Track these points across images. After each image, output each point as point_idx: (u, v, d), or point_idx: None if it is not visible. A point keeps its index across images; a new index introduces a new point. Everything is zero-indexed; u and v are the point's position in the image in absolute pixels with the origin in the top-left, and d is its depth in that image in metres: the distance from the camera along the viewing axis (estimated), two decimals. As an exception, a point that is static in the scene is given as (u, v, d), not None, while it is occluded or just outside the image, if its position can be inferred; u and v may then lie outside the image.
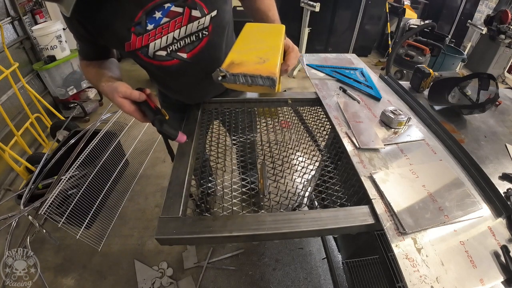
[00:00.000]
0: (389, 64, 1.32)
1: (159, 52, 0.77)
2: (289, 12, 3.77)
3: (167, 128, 0.67)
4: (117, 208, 1.85)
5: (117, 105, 0.69)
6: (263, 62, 0.56)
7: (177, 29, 0.74)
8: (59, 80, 2.61)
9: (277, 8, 0.93)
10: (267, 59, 0.57)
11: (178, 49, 0.78)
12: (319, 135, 1.04)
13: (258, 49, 0.62)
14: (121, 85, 0.68)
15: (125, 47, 0.74)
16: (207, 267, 1.59)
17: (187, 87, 0.94)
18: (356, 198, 0.74)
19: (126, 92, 0.67)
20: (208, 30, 0.78)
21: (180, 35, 0.76)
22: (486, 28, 3.62)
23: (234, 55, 0.60)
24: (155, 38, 0.73)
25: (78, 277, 1.55)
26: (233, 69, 0.55)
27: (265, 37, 0.71)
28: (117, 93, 0.67)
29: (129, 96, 0.67)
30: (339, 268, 1.44)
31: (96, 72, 0.80)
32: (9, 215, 1.43)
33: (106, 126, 1.77)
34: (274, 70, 0.53)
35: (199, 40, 0.79)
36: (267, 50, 0.61)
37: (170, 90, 1.00)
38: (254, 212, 0.72)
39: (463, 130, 0.94)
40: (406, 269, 0.53)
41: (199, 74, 0.88)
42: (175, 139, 0.68)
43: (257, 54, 0.59)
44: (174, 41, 0.76)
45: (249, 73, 0.53)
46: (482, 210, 0.65)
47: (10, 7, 2.31)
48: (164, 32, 0.73)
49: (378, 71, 3.59)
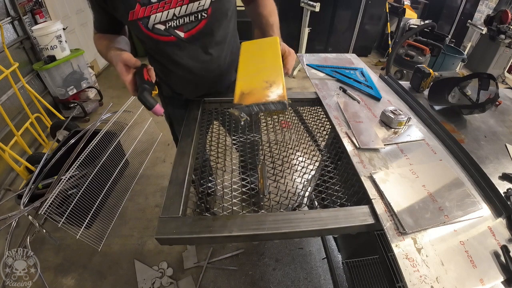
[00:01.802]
0: (389, 64, 1.32)
1: (158, 25, 0.80)
2: (289, 12, 3.77)
3: (147, 96, 0.68)
4: (117, 208, 1.85)
5: (117, 72, 0.73)
6: (270, 86, 0.58)
7: (178, 6, 0.78)
8: (59, 80, 2.61)
9: (277, 8, 0.95)
10: (273, 82, 0.59)
11: (176, 26, 0.82)
12: (319, 135, 1.04)
13: (261, 71, 0.64)
14: (124, 53, 0.72)
15: (129, 15, 0.77)
16: (207, 267, 1.59)
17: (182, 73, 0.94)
18: (356, 198, 0.74)
19: (126, 58, 0.71)
20: (207, 13, 0.82)
21: (180, 13, 0.79)
22: (486, 28, 3.62)
23: (242, 85, 0.61)
24: (156, 11, 0.77)
25: (78, 277, 1.55)
26: (245, 101, 0.56)
27: (264, 55, 0.73)
28: (119, 59, 0.71)
29: (128, 61, 0.71)
30: (339, 268, 1.44)
31: (107, 44, 0.84)
32: (9, 215, 1.43)
33: (106, 126, 1.77)
34: (283, 93, 0.54)
35: (198, 21, 0.83)
36: (270, 71, 0.63)
37: (167, 74, 1.00)
38: (254, 212, 0.72)
39: (463, 130, 0.94)
40: (406, 269, 0.53)
41: (194, 56, 0.90)
42: (151, 109, 0.70)
43: (263, 78, 0.60)
44: (173, 18, 0.80)
45: (261, 102, 0.55)
46: (482, 210, 0.65)
47: (10, 7, 2.31)
48: (166, 7, 0.77)
49: (378, 71, 3.59)
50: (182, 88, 1.02)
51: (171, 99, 1.10)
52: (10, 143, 1.92)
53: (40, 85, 2.63)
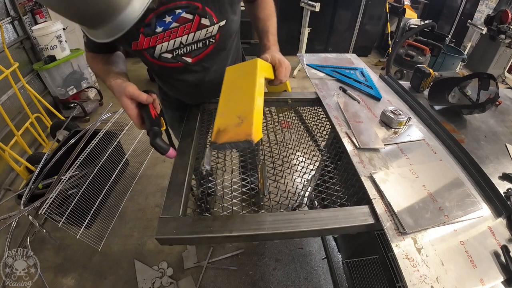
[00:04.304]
0: (389, 64, 1.32)
1: (165, 54, 0.78)
2: (289, 12, 3.76)
3: (159, 142, 0.69)
4: (117, 208, 1.85)
5: (121, 105, 0.70)
6: (241, 123, 0.60)
7: (185, 34, 0.75)
8: (59, 80, 2.61)
9: (277, 8, 0.95)
10: (244, 117, 0.61)
11: (184, 54, 0.80)
12: (319, 135, 1.04)
13: (237, 104, 0.67)
14: (130, 86, 0.69)
15: (132, 46, 0.74)
16: (207, 267, 1.59)
17: (188, 88, 0.94)
18: (356, 198, 0.74)
19: (134, 93, 0.68)
20: (215, 38, 0.80)
21: (188, 41, 0.77)
22: (486, 28, 3.62)
23: (219, 121, 0.64)
24: (162, 40, 0.74)
25: (78, 277, 1.56)
26: (219, 139, 0.60)
27: (242, 83, 0.73)
28: (125, 93, 0.68)
29: (136, 97, 0.69)
30: (339, 268, 1.44)
31: (103, 67, 0.81)
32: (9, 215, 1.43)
33: (106, 126, 1.77)
34: (250, 132, 0.57)
35: (205, 47, 0.81)
36: (244, 104, 0.65)
37: (171, 88, 1.01)
38: (254, 212, 0.72)
39: (463, 130, 0.94)
40: (406, 269, 0.53)
41: (201, 77, 0.89)
42: (165, 154, 0.70)
43: (236, 113, 0.63)
44: (181, 46, 0.77)
45: (232, 141, 0.58)
46: (482, 210, 0.65)
47: (10, 7, 2.31)
48: (172, 36, 0.74)
49: (378, 71, 3.59)
50: (185, 97, 1.02)
51: (170, 102, 1.11)
52: (10, 143, 1.92)
53: (40, 85, 2.63)
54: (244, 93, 0.69)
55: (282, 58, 0.85)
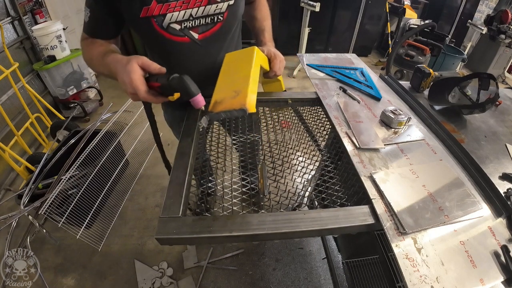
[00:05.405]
0: (389, 64, 1.32)
1: (173, 24, 0.78)
2: (289, 12, 3.76)
3: (189, 82, 0.64)
4: (117, 208, 1.85)
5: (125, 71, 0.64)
6: (236, 96, 0.66)
7: (196, 7, 0.77)
8: (59, 80, 2.61)
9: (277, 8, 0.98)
10: (239, 91, 0.67)
11: (192, 27, 0.81)
12: (319, 135, 1.04)
13: (234, 82, 0.73)
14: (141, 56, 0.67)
15: (141, 12, 0.73)
16: (207, 267, 1.59)
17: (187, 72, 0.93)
18: (356, 198, 0.74)
19: (147, 61, 0.66)
20: (223, 16, 0.82)
21: (198, 14, 0.78)
22: (486, 28, 3.62)
23: (217, 95, 0.71)
24: (174, 9, 0.75)
25: (78, 277, 1.56)
26: (215, 109, 0.66)
27: (239, 65, 0.79)
28: (136, 59, 0.65)
29: (148, 66, 0.66)
30: (339, 268, 1.44)
31: (103, 50, 0.77)
32: (9, 215, 1.43)
33: (106, 126, 1.77)
34: (244, 102, 0.63)
35: (213, 24, 0.83)
36: (240, 81, 0.71)
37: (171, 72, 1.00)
38: (254, 212, 0.72)
39: (463, 130, 0.94)
40: (406, 269, 0.53)
41: (203, 60, 0.90)
42: (194, 97, 0.65)
43: (233, 88, 0.69)
44: (190, 18, 0.79)
45: (227, 109, 0.64)
46: (482, 210, 0.64)
47: (10, 7, 2.31)
48: (184, 6, 0.76)
49: (378, 71, 3.59)
50: None
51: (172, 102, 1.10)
52: (10, 143, 1.92)
53: (40, 85, 2.63)
54: (241, 73, 0.73)
55: (277, 52, 0.88)
